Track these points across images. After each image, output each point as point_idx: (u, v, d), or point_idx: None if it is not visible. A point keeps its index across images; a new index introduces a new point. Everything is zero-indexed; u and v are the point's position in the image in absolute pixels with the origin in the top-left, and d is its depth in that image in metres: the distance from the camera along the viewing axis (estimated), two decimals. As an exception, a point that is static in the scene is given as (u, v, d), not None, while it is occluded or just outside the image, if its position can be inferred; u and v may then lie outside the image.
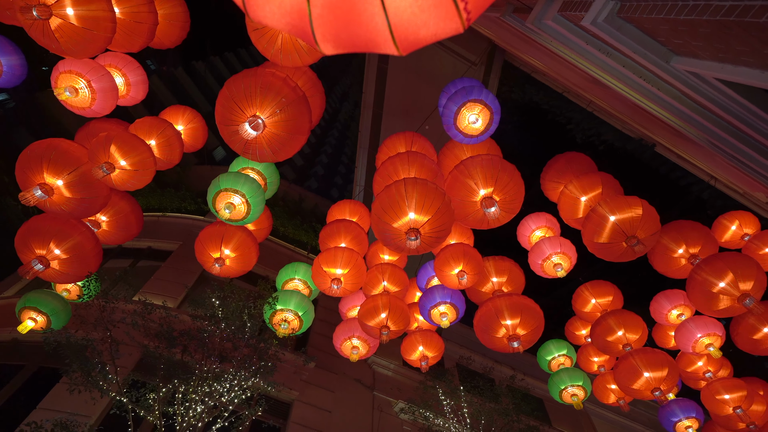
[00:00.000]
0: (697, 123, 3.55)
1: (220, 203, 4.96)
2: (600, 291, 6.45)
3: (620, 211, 4.66)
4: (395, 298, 5.37)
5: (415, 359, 6.03)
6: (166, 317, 6.57)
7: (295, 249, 13.48)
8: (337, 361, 10.64)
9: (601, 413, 15.19)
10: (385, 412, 10.34)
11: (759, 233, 6.28)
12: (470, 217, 4.75)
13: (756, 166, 3.91)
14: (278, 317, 5.58)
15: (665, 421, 6.27)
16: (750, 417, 5.92)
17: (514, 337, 5.03)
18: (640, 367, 5.49)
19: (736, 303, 4.86)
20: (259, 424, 8.71)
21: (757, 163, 3.83)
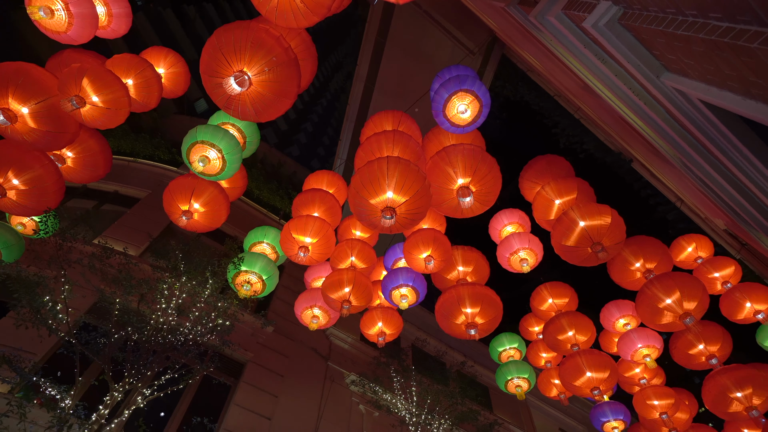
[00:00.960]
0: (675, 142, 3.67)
1: (194, 155, 4.81)
2: (558, 292, 6.70)
3: (590, 217, 4.81)
4: (360, 274, 5.41)
5: (372, 334, 6.14)
6: (125, 264, 6.40)
7: (268, 213, 13.31)
8: (296, 328, 10.72)
9: (540, 406, 16.00)
10: (337, 383, 10.55)
11: (711, 258, 6.64)
12: (445, 205, 4.79)
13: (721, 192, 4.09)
14: (241, 278, 5.54)
15: (595, 419, 6.67)
16: (673, 423, 6.37)
17: (472, 324, 5.18)
18: (584, 366, 5.78)
19: (678, 320, 5.15)
20: (209, 380, 8.73)
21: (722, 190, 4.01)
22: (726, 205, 4.54)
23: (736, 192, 3.87)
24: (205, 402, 8.48)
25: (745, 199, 3.94)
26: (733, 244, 7.95)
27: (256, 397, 8.95)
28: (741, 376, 5.38)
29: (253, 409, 8.70)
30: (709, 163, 3.56)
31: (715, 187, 4.07)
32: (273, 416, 8.89)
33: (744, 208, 4.14)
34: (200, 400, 8.44)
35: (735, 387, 5.35)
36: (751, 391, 5.30)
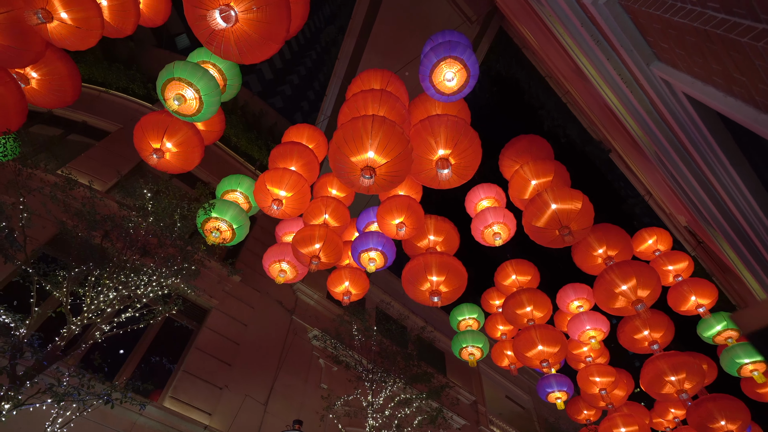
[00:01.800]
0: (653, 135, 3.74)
1: (170, 92, 4.58)
2: (522, 269, 6.93)
3: (562, 201, 4.93)
4: (332, 232, 5.41)
5: (338, 292, 6.23)
6: (90, 198, 6.17)
7: (244, 163, 12.99)
8: (263, 280, 10.76)
9: (491, 374, 16.89)
10: (299, 336, 10.76)
11: (668, 252, 6.97)
12: (423, 174, 4.79)
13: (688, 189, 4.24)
14: (211, 225, 5.45)
15: (541, 389, 7.10)
16: (610, 399, 6.86)
17: (436, 292, 5.33)
18: (537, 339, 6.08)
19: (630, 305, 5.46)
20: (171, 322, 8.73)
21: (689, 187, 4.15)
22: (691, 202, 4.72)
23: (702, 190, 4.02)
24: (166, 343, 8.52)
25: (710, 199, 4.11)
26: (690, 241, 8.34)
27: (218, 343, 9.05)
28: (677, 362, 5.79)
29: (215, 355, 8.82)
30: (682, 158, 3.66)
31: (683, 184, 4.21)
32: (233, 363, 9.04)
33: (707, 206, 4.32)
34: (161, 341, 8.47)
35: (671, 371, 5.77)
36: (684, 376, 5.73)
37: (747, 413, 6.20)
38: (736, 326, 1.16)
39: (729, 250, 5.72)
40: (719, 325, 6.50)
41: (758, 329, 0.45)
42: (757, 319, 0.45)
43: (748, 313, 0.45)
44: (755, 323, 0.45)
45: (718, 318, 6.50)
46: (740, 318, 0.47)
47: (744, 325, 0.45)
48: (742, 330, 0.52)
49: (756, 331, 0.45)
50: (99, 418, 6.61)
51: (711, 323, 6.56)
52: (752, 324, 0.45)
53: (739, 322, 0.49)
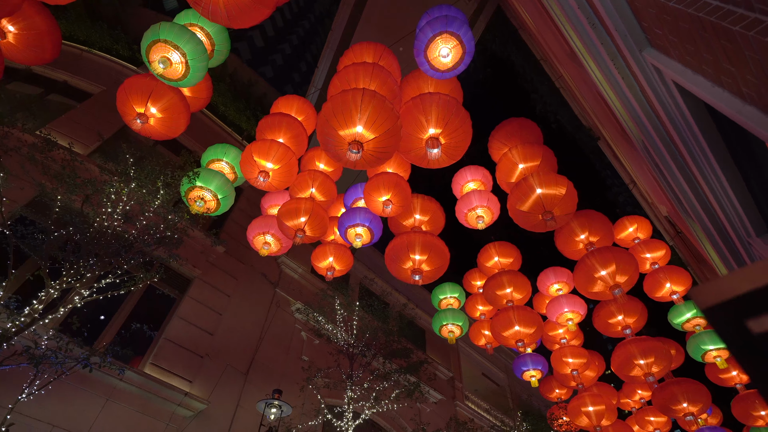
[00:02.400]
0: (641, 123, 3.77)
1: (155, 55, 4.42)
2: (505, 252, 7.03)
3: (547, 186, 4.97)
4: (318, 206, 5.38)
5: (322, 267, 6.25)
6: (70, 160, 6.00)
7: (231, 132, 12.74)
8: (248, 252, 10.73)
9: (469, 352, 17.35)
10: (282, 309, 10.84)
11: (647, 240, 7.14)
12: (412, 153, 4.76)
13: (671, 179, 4.31)
14: (195, 194, 5.36)
15: (517, 367, 7.32)
16: (581, 379, 7.12)
17: (418, 271, 5.38)
18: (514, 320, 6.23)
19: (608, 290, 5.61)
20: (153, 290, 8.70)
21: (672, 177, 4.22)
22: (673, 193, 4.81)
23: (684, 182, 4.09)
24: (148, 311, 8.51)
25: (691, 190, 4.19)
26: (669, 231, 8.54)
27: (201, 312, 9.07)
28: (647, 347, 6.01)
29: (197, 324, 8.84)
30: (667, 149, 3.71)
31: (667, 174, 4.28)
32: (215, 332, 9.09)
33: (688, 198, 4.41)
34: (143, 309, 8.45)
35: (640, 355, 5.99)
36: (652, 360, 5.96)
37: (708, 397, 6.51)
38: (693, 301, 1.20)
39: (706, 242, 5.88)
40: (689, 312, 6.73)
41: (713, 304, 0.46)
42: (714, 295, 0.46)
43: (705, 288, 0.46)
44: (711, 298, 0.46)
45: (688, 306, 6.73)
46: (697, 293, 0.48)
47: (700, 300, 0.46)
48: (698, 305, 0.53)
49: (711, 306, 0.46)
50: (78, 381, 6.63)
51: (682, 310, 6.79)
52: (708, 299, 0.46)
53: (695, 297, 0.50)
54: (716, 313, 0.50)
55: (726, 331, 0.49)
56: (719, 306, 0.49)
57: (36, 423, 6.08)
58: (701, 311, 0.50)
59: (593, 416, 7.21)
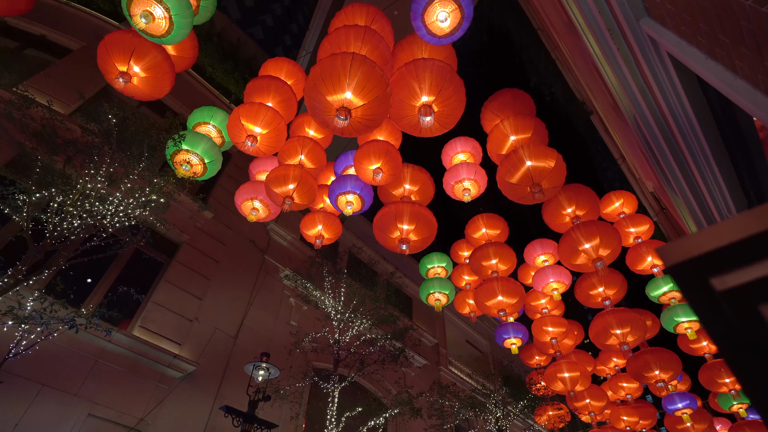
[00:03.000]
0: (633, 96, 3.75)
1: (136, 8, 4.21)
2: (492, 223, 7.11)
3: (537, 158, 4.97)
4: (307, 173, 5.33)
5: (311, 235, 6.26)
6: (50, 119, 5.81)
7: (219, 95, 12.38)
8: (236, 218, 10.67)
9: (454, 320, 17.82)
10: (271, 275, 10.91)
11: (632, 215, 7.26)
12: (405, 120, 4.69)
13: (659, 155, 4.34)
14: (181, 157, 5.26)
15: (499, 335, 7.56)
16: (560, 347, 7.39)
17: (405, 240, 5.42)
18: (498, 290, 6.38)
19: (590, 263, 5.74)
20: (140, 254, 8.66)
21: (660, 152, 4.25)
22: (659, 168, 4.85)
23: (671, 156, 4.12)
24: (135, 274, 8.49)
25: (677, 165, 4.23)
26: (654, 206, 8.67)
27: (189, 277, 9.09)
28: (624, 318, 6.23)
29: (185, 288, 8.88)
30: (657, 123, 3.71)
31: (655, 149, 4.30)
32: (204, 297, 9.15)
33: (674, 173, 4.45)
34: (130, 272, 8.43)
35: (617, 325, 6.21)
36: (628, 330, 6.20)
37: (679, 365, 6.82)
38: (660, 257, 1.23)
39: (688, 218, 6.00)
40: (666, 286, 6.95)
41: (679, 261, 0.47)
42: (680, 252, 0.47)
43: (672, 246, 0.46)
44: (677, 256, 0.47)
45: (666, 280, 6.94)
46: (664, 251, 0.49)
47: (667, 257, 0.47)
48: (664, 262, 0.54)
49: (677, 263, 0.47)
50: (66, 342, 6.67)
51: (659, 284, 7.01)
52: (674, 256, 0.47)
53: (662, 254, 0.51)
54: (681, 271, 0.51)
55: (690, 289, 0.50)
56: (684, 263, 0.50)
57: (26, 382, 6.15)
58: (667, 268, 0.51)
59: (568, 382, 7.54)
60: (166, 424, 7.39)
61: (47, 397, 6.27)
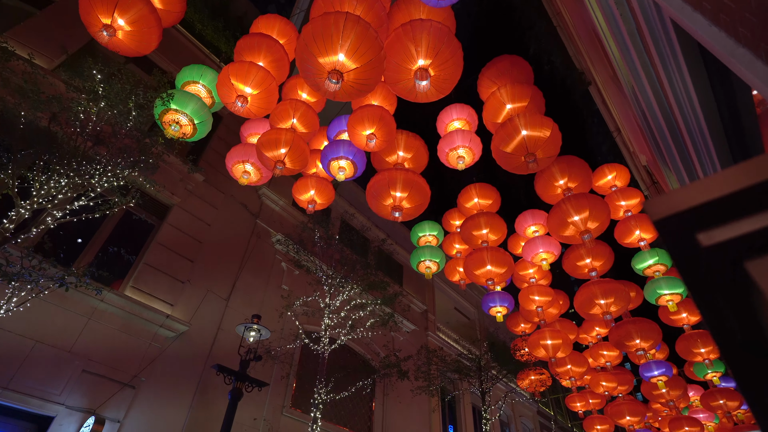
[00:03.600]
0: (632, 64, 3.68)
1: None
2: (485, 193, 7.12)
3: (533, 127, 4.92)
4: (299, 137, 5.24)
5: (303, 200, 6.23)
6: (31, 73, 5.59)
7: (209, 54, 11.96)
8: (227, 182, 10.57)
9: (443, 287, 18.16)
10: (263, 240, 10.94)
11: (623, 188, 7.30)
12: (400, 85, 4.58)
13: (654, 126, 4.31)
14: (170, 117, 5.13)
15: (485, 303, 7.73)
16: (544, 315, 7.59)
17: (398, 208, 5.42)
18: (487, 260, 6.46)
19: (578, 235, 5.80)
20: (130, 215, 8.60)
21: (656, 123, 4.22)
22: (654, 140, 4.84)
23: (666, 128, 4.10)
24: (126, 236, 8.46)
25: (672, 139, 4.22)
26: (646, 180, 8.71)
27: (180, 239, 9.07)
28: (608, 288, 6.38)
29: (176, 250, 8.89)
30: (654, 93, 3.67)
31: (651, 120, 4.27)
32: (195, 259, 9.18)
33: (668, 146, 4.45)
34: (120, 233, 8.39)
35: (601, 295, 6.37)
36: (612, 300, 6.36)
37: (659, 334, 7.07)
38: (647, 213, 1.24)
39: (678, 192, 6.04)
40: (652, 259, 7.09)
41: (666, 216, 0.46)
42: (667, 206, 0.46)
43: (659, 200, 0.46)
44: (664, 210, 0.47)
45: (652, 253, 7.07)
46: (651, 205, 0.48)
47: (654, 211, 0.47)
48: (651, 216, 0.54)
49: (664, 217, 0.46)
50: (58, 301, 6.71)
51: (645, 257, 7.14)
52: (661, 210, 0.47)
53: (649, 208, 0.51)
54: (667, 225, 0.50)
55: (675, 244, 0.50)
56: (671, 217, 0.49)
57: (20, 338, 6.22)
58: (653, 223, 0.51)
59: (550, 348, 7.79)
60: (159, 381, 7.57)
61: (42, 353, 6.37)
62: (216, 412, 7.91)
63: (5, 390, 5.87)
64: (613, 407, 10.33)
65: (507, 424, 18.75)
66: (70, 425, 6.30)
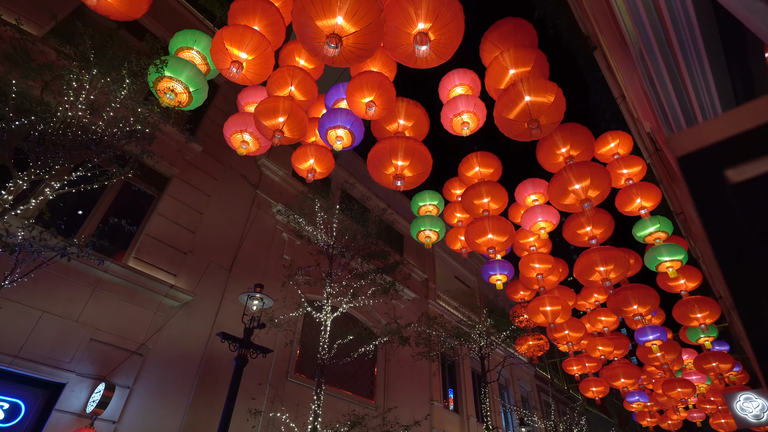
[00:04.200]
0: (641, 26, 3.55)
1: None
2: (486, 162, 7.04)
3: (536, 93, 4.81)
4: (297, 105, 5.13)
5: (303, 169, 6.18)
6: (21, 40, 5.43)
7: (202, 19, 11.58)
8: (227, 152, 10.47)
9: (443, 256, 18.32)
10: (263, 210, 10.94)
11: (626, 156, 7.21)
12: (399, 50, 4.44)
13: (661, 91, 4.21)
14: (164, 84, 5.00)
15: (485, 272, 7.81)
16: (544, 282, 7.68)
17: (400, 176, 5.38)
18: (488, 229, 6.47)
19: (578, 203, 5.78)
20: (130, 186, 8.56)
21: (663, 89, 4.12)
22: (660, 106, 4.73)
23: (674, 92, 4.01)
24: (127, 207, 8.46)
25: (679, 103, 4.13)
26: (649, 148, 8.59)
27: (181, 210, 9.08)
28: (608, 255, 6.42)
29: (177, 221, 8.90)
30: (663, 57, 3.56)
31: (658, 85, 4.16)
32: (197, 230, 9.21)
33: (675, 112, 4.36)
34: (121, 205, 8.39)
35: (601, 262, 6.41)
36: (612, 267, 6.41)
37: (657, 300, 7.17)
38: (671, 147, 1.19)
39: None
40: (653, 227, 7.10)
41: (692, 151, 0.44)
42: (694, 140, 0.44)
43: (686, 134, 0.43)
44: (691, 144, 0.44)
45: (653, 220, 7.07)
46: (676, 139, 0.46)
47: (678, 146, 0.44)
48: (675, 152, 0.51)
49: (689, 153, 0.44)
50: (62, 272, 6.79)
51: (646, 224, 7.14)
52: (687, 145, 0.44)
53: (673, 144, 0.48)
54: (693, 161, 0.46)
55: (699, 182, 0.45)
56: (698, 153, 0.45)
57: (27, 308, 6.33)
58: (677, 160, 0.47)
59: (549, 315, 7.93)
60: (166, 349, 7.76)
61: (49, 323, 6.50)
62: (222, 378, 8.15)
63: (16, 358, 6.02)
64: (609, 370, 10.63)
65: (505, 387, 19.37)
66: (81, 391, 6.51)
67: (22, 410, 6.03)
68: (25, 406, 6.07)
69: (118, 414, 6.75)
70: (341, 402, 10.41)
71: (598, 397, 11.52)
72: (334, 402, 10.17)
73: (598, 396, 11.49)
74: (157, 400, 7.35)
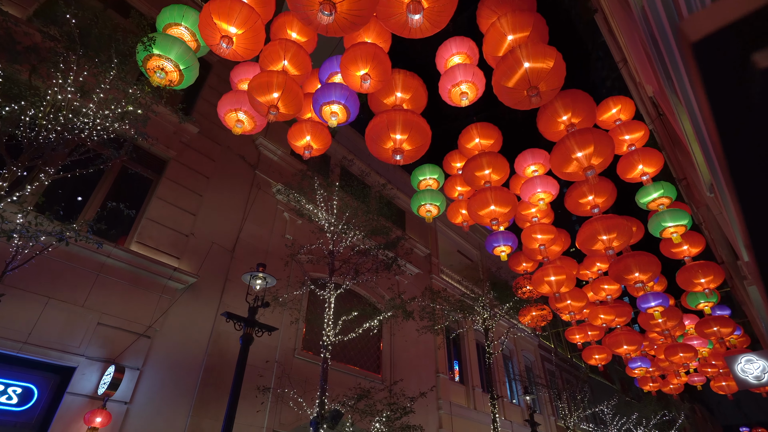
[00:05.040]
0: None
1: None
2: (486, 133, 6.93)
3: (535, 59, 4.67)
4: (291, 80, 5.01)
5: (300, 146, 6.08)
6: (3, 22, 5.27)
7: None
8: (223, 133, 10.34)
9: (445, 231, 18.33)
10: (263, 191, 10.88)
11: (628, 122, 7.09)
12: (393, 19, 4.30)
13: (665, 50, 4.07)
14: (154, 63, 4.87)
15: (489, 244, 7.79)
16: (547, 253, 7.67)
17: (399, 150, 5.29)
18: (491, 200, 6.42)
19: (581, 171, 5.70)
20: (127, 170, 8.49)
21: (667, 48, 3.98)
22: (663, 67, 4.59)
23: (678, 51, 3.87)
24: (125, 192, 8.41)
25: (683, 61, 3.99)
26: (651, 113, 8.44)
27: (180, 193, 9.03)
28: (611, 224, 6.38)
29: (177, 204, 8.87)
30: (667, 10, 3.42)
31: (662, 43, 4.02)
32: (198, 213, 9.18)
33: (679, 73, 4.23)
34: (119, 190, 8.34)
35: (604, 231, 6.38)
36: (615, 236, 6.38)
37: (659, 267, 7.16)
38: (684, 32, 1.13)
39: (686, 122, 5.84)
40: (656, 192, 7.03)
41: (711, 32, 0.38)
42: (714, 18, 0.38)
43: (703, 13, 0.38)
44: (709, 24, 0.39)
45: (656, 186, 7.00)
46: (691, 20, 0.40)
47: (693, 29, 0.39)
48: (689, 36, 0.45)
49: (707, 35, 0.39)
50: (65, 258, 6.80)
51: (649, 191, 7.07)
52: (705, 26, 0.39)
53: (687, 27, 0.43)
54: (711, 46, 0.37)
55: (718, 72, 0.37)
56: (718, 34, 0.37)
57: (32, 295, 6.37)
58: (692, 46, 0.39)
59: (554, 284, 7.96)
60: (173, 330, 7.86)
61: (56, 308, 6.55)
62: (230, 357, 8.27)
63: (25, 344, 6.10)
64: (611, 338, 10.75)
65: (509, 358, 19.71)
66: (92, 374, 6.62)
67: (35, 394, 6.15)
68: (38, 390, 6.19)
69: (129, 395, 6.88)
70: (348, 377, 10.60)
71: (600, 364, 11.70)
72: (341, 377, 10.35)
73: (600, 363, 11.67)
74: (167, 380, 7.48)
